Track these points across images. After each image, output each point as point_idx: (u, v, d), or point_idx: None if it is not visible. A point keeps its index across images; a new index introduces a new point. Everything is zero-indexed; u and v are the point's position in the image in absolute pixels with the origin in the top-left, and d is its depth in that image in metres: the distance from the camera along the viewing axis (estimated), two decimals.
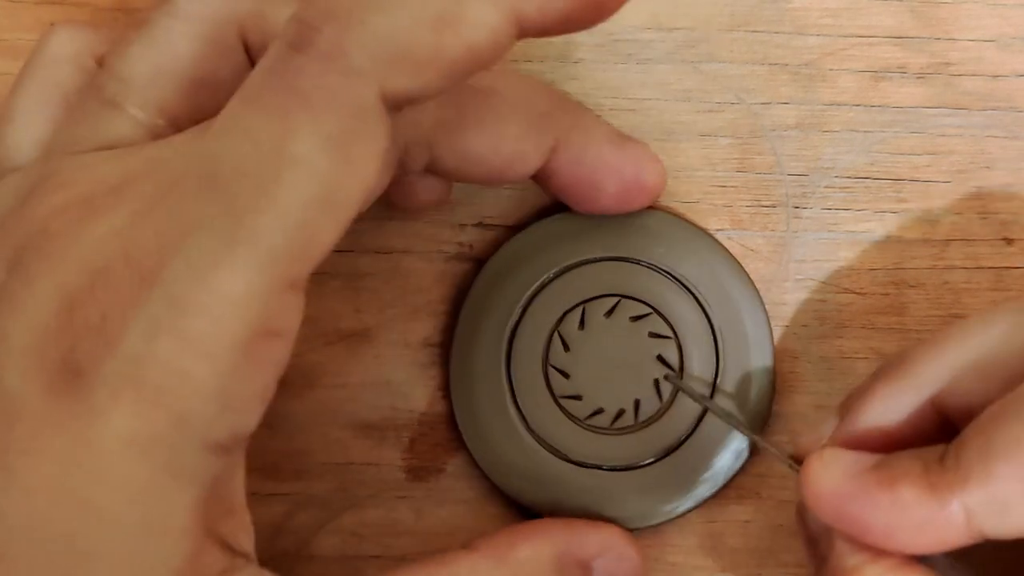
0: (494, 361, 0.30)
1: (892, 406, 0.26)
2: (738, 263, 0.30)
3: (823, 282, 0.31)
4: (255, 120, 0.21)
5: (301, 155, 0.21)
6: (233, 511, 0.23)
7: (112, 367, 0.21)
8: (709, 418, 0.30)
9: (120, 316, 0.21)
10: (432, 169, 0.27)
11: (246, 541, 0.24)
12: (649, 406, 0.30)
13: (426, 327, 0.31)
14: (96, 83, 0.26)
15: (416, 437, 0.31)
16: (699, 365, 0.30)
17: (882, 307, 0.31)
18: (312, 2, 0.22)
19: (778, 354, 0.31)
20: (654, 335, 0.30)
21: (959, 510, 0.22)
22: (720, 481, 0.30)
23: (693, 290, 0.30)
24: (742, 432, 0.29)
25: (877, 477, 0.24)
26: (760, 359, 0.30)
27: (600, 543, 0.28)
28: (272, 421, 0.23)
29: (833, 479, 0.24)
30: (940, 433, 0.25)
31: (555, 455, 0.30)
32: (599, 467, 0.30)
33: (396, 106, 0.22)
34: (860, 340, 0.31)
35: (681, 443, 0.30)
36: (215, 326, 0.21)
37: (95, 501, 0.21)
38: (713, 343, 0.30)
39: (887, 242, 0.31)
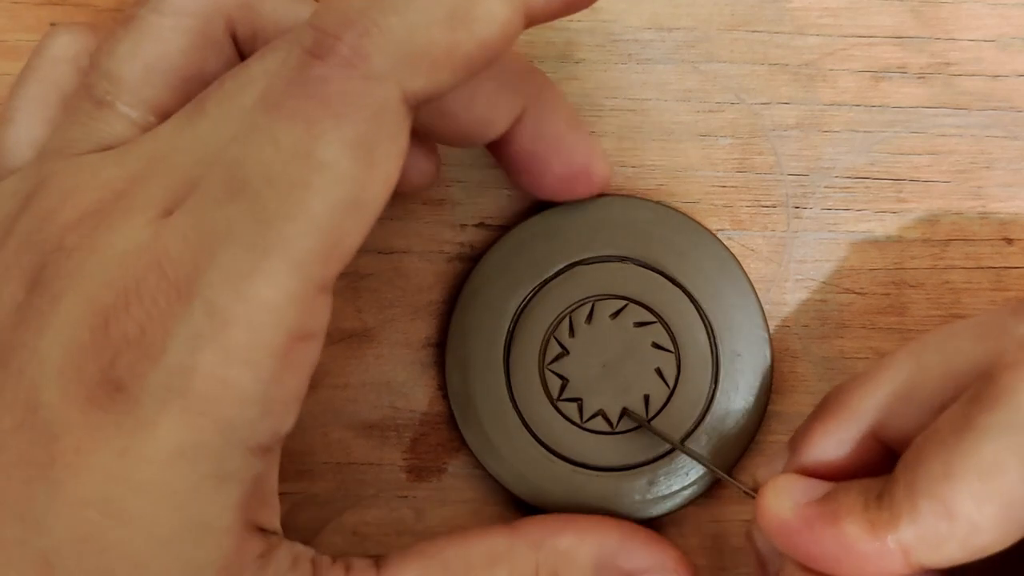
0: (494, 361, 0.30)
1: (833, 441, 0.26)
2: (740, 266, 0.30)
3: (823, 282, 0.31)
4: (280, 127, 0.21)
5: (328, 160, 0.21)
6: (268, 500, 0.24)
7: (156, 379, 0.21)
8: (705, 421, 0.30)
9: (160, 329, 0.21)
10: None
11: (276, 520, 0.24)
12: (641, 409, 0.30)
13: (427, 327, 0.31)
14: (86, 83, 0.26)
15: (417, 437, 0.31)
16: (695, 371, 0.30)
17: (882, 307, 0.31)
18: (327, 9, 0.22)
19: (778, 354, 0.31)
20: (640, 323, 0.30)
21: (896, 547, 0.23)
22: (705, 484, 0.30)
23: (692, 293, 0.30)
24: (710, 470, 0.29)
25: (821, 511, 0.24)
26: (756, 367, 0.30)
27: (650, 560, 0.28)
28: None
29: (783, 510, 0.25)
30: (887, 461, 0.25)
31: (553, 454, 0.30)
32: (595, 468, 0.30)
33: (416, 105, 0.22)
34: (861, 340, 0.31)
35: (672, 449, 0.30)
36: (255, 334, 0.21)
37: (142, 511, 0.21)
38: (710, 345, 0.30)
39: (887, 242, 0.31)
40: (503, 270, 0.30)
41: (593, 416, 0.30)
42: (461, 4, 0.21)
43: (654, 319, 0.30)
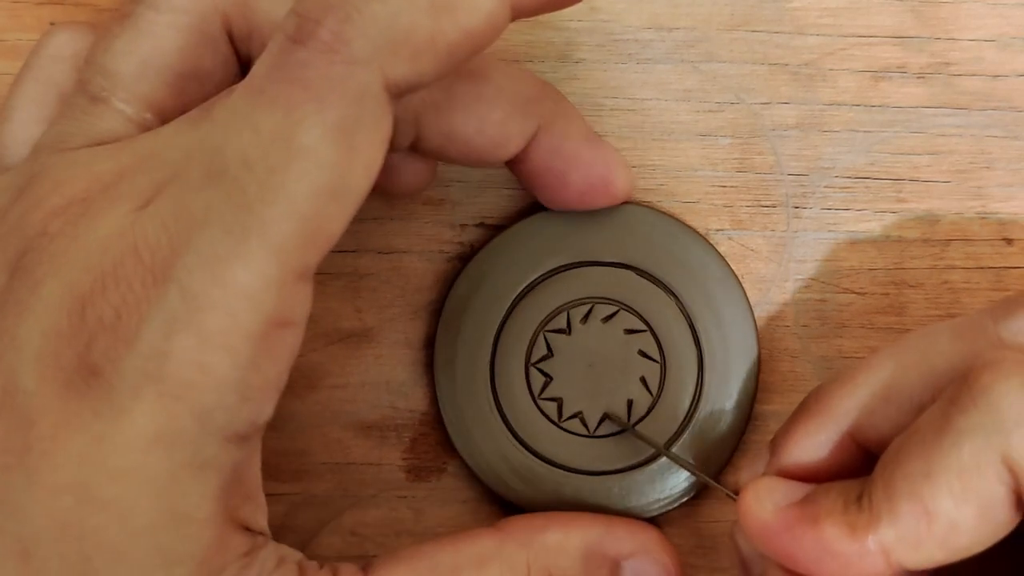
0: (480, 365, 0.30)
1: (812, 443, 0.26)
2: (733, 272, 0.30)
3: (823, 282, 0.31)
4: (260, 112, 0.21)
5: (308, 145, 0.21)
6: (251, 495, 0.24)
7: (131, 364, 0.21)
8: (690, 428, 0.30)
9: (135, 313, 0.21)
10: (416, 148, 0.27)
11: (262, 520, 0.24)
12: (628, 413, 0.30)
13: (427, 327, 0.31)
14: (82, 78, 0.26)
15: (416, 437, 0.31)
16: (679, 383, 0.30)
17: (882, 307, 0.31)
18: None
19: (778, 353, 0.31)
20: (629, 331, 0.30)
21: (876, 548, 0.23)
22: (684, 493, 0.30)
23: (681, 300, 0.30)
24: (694, 474, 0.29)
25: (802, 514, 0.24)
26: (743, 384, 0.30)
27: (634, 544, 0.28)
28: (273, 421, 0.23)
29: (764, 512, 0.25)
30: (866, 462, 0.25)
31: (538, 458, 0.30)
32: (582, 471, 0.30)
33: (398, 93, 0.22)
34: (860, 340, 0.31)
35: (656, 456, 0.30)
36: (231, 319, 0.21)
37: (119, 498, 0.21)
38: (697, 358, 0.30)
39: (887, 242, 0.31)
40: (492, 271, 0.30)
41: (572, 417, 0.30)
42: None
43: (637, 319, 0.30)
